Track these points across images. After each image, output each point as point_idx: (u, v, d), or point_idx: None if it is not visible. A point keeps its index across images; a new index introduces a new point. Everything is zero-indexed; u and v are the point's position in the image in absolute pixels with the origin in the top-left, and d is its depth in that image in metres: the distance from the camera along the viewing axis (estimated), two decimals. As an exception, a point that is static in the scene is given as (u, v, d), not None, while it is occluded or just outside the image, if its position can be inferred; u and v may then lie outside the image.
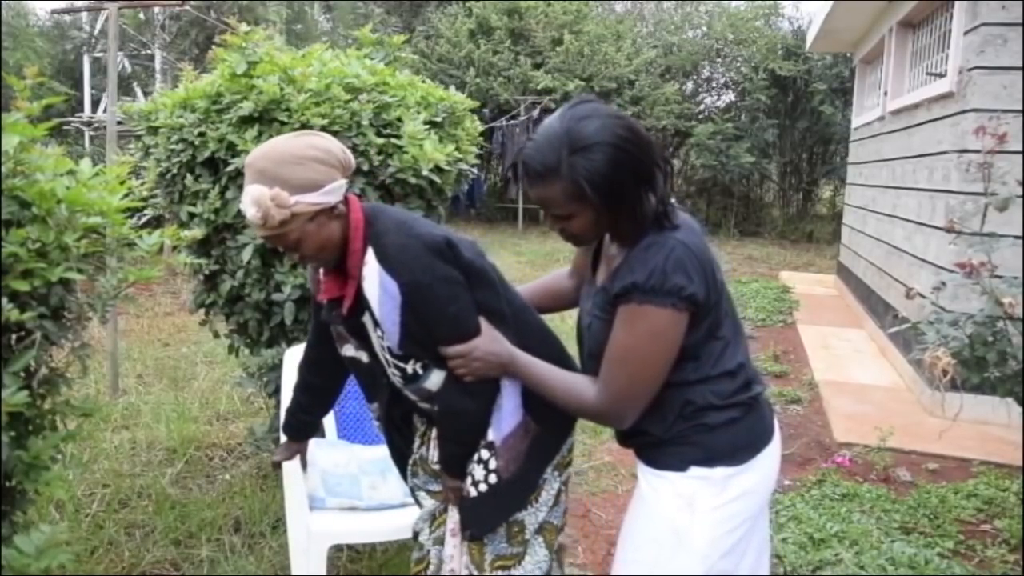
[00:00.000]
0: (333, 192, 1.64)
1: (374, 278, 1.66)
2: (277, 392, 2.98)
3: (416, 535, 2.01)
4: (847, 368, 5.68)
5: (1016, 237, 3.32)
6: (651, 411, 1.58)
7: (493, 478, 1.78)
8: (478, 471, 1.78)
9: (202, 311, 3.16)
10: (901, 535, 3.11)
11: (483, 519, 1.82)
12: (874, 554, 2.92)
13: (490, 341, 1.66)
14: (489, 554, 1.83)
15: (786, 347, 6.26)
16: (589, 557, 2.97)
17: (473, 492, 1.79)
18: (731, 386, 1.59)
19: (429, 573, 1.93)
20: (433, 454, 1.92)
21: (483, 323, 1.70)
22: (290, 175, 1.59)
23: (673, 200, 1.56)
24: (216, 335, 3.34)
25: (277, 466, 2.21)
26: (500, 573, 1.83)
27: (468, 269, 1.70)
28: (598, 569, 2.90)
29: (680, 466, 1.58)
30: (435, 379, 1.76)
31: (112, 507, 3.17)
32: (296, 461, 2.21)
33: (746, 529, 1.61)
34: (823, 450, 4.10)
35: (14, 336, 1.59)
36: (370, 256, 1.67)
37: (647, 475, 1.64)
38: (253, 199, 1.57)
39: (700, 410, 1.57)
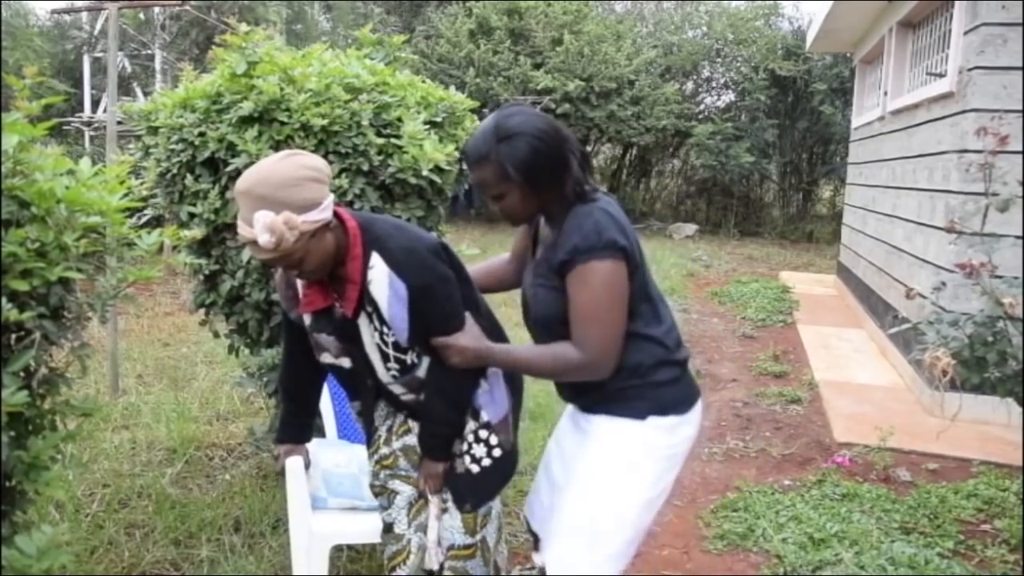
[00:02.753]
0: (328, 207, 1.75)
1: (383, 280, 1.80)
2: (277, 392, 2.98)
3: (389, 527, 2.07)
4: (847, 368, 5.68)
5: (1016, 237, 3.31)
6: None
7: (498, 451, 1.97)
8: (479, 449, 1.97)
9: (202, 311, 3.16)
10: (901, 535, 3.11)
11: (485, 490, 2.01)
12: (874, 554, 2.92)
13: (471, 338, 1.87)
14: (480, 515, 2.04)
15: (786, 347, 6.26)
16: (589, 557, 2.97)
17: (476, 468, 1.97)
18: (670, 343, 1.87)
19: (411, 561, 2.01)
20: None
21: (468, 320, 1.89)
22: (293, 197, 1.67)
23: (591, 182, 1.83)
24: (216, 335, 3.34)
25: (282, 472, 2.25)
26: (486, 529, 2.06)
27: (457, 269, 1.91)
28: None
29: (640, 415, 1.85)
30: (424, 366, 1.95)
31: (112, 507, 3.17)
32: (299, 461, 2.23)
33: (679, 467, 1.96)
34: (823, 450, 4.10)
35: (14, 336, 1.59)
36: (376, 260, 1.80)
37: (604, 422, 1.88)
38: (266, 226, 1.63)
39: (651, 368, 1.84)
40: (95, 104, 12.52)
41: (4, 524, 1.64)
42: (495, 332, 1.99)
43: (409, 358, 1.92)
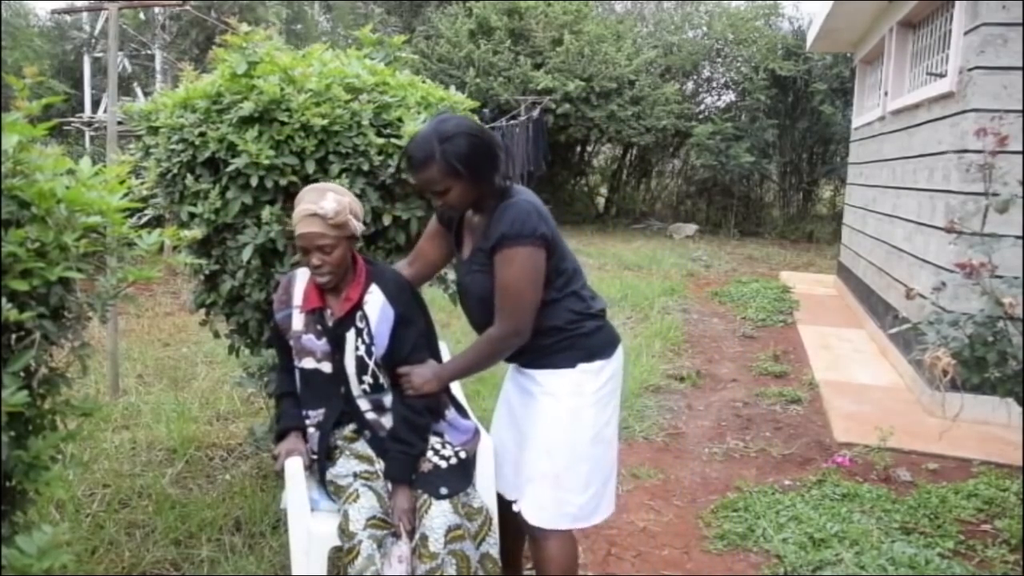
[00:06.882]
0: (359, 232, 2.28)
1: (377, 304, 2.26)
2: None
3: (345, 524, 2.12)
4: (847, 368, 5.69)
5: (1016, 237, 3.31)
6: (540, 328, 2.15)
7: (463, 455, 2.30)
8: (447, 450, 2.29)
9: (202, 311, 3.16)
10: (901, 535, 3.11)
11: (454, 482, 2.23)
12: (874, 554, 2.92)
13: (428, 369, 2.25)
14: (461, 504, 2.21)
15: (786, 347, 6.26)
16: (589, 557, 2.97)
17: (444, 464, 2.25)
18: (589, 299, 2.24)
19: (359, 563, 2.06)
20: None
21: (429, 360, 2.29)
22: (355, 205, 2.28)
23: (508, 180, 2.17)
24: (216, 335, 3.33)
25: (281, 473, 2.27)
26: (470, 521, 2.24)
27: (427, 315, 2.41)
28: (598, 569, 2.90)
29: (571, 364, 2.20)
30: (391, 396, 2.31)
31: (112, 507, 3.17)
32: (299, 462, 2.24)
33: (615, 402, 2.30)
34: (823, 450, 4.10)
35: (14, 336, 1.59)
36: (375, 288, 2.27)
37: (542, 376, 2.22)
38: (335, 200, 2.16)
39: (575, 323, 2.20)
40: (95, 104, 12.53)
41: (4, 524, 1.64)
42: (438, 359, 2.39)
43: (382, 378, 2.28)
